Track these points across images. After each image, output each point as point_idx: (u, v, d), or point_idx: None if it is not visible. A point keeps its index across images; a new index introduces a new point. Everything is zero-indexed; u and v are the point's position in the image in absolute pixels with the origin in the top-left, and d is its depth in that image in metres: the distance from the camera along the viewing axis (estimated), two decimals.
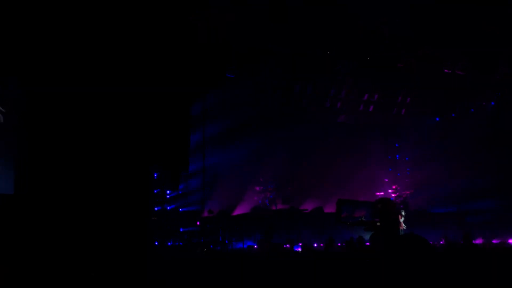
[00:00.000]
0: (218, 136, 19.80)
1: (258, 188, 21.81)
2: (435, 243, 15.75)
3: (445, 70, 18.86)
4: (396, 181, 24.05)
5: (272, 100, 20.09)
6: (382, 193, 22.66)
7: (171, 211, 19.49)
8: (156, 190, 18.69)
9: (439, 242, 16.20)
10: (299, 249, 15.97)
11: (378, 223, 8.81)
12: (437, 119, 23.17)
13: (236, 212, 20.80)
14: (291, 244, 16.12)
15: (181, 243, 17.98)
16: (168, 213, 19.27)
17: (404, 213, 15.22)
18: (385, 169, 24.25)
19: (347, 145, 22.55)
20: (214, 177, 20.23)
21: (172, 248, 17.12)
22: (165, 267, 8.34)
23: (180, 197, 19.94)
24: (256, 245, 16.48)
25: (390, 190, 23.31)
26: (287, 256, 11.87)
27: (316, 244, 17.70)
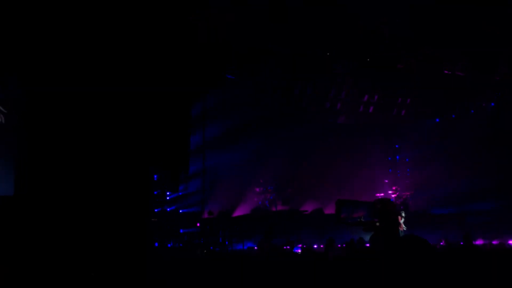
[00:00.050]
0: (218, 137, 19.75)
1: (258, 189, 21.81)
2: (436, 244, 15.72)
3: (445, 71, 18.86)
4: (396, 182, 24.03)
5: (272, 100, 20.06)
6: (382, 194, 22.64)
7: (171, 212, 19.47)
8: (156, 191, 18.67)
9: (439, 243, 16.15)
10: (299, 250, 15.93)
11: (377, 223, 8.80)
12: (437, 119, 23.15)
13: (236, 213, 20.76)
14: (291, 246, 16.08)
15: (181, 244, 17.96)
16: (168, 214, 19.24)
17: (404, 214, 15.18)
18: (385, 170, 24.24)
19: (347, 146, 22.53)
20: (214, 178, 20.20)
21: (172, 249, 17.09)
22: (165, 267, 8.33)
23: (180, 198, 19.91)
24: (256, 246, 16.43)
25: (390, 191, 23.28)
26: (287, 257, 11.83)
27: (316, 245, 17.66)
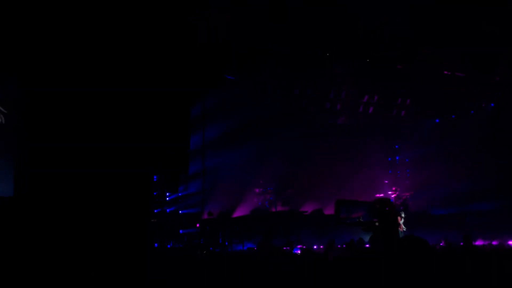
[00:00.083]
0: (218, 137, 19.74)
1: (258, 190, 21.78)
2: (435, 245, 15.69)
3: (445, 71, 18.86)
4: (396, 182, 24.01)
5: (272, 100, 20.04)
6: (382, 194, 22.60)
7: (171, 213, 19.45)
8: (155, 192, 18.66)
9: (439, 244, 16.14)
10: (298, 251, 15.91)
11: (376, 224, 8.76)
12: (437, 120, 23.15)
13: (236, 214, 20.73)
14: (291, 246, 16.07)
15: (180, 245, 17.94)
16: (168, 215, 19.22)
17: (404, 215, 15.13)
18: (385, 170, 24.22)
19: (347, 146, 22.51)
20: (213, 178, 20.18)
21: (172, 250, 17.07)
22: (165, 267, 8.33)
23: (180, 199, 19.90)
24: (255, 247, 16.42)
25: (390, 192, 23.26)
26: (286, 258, 11.82)
27: (316, 246, 17.64)
